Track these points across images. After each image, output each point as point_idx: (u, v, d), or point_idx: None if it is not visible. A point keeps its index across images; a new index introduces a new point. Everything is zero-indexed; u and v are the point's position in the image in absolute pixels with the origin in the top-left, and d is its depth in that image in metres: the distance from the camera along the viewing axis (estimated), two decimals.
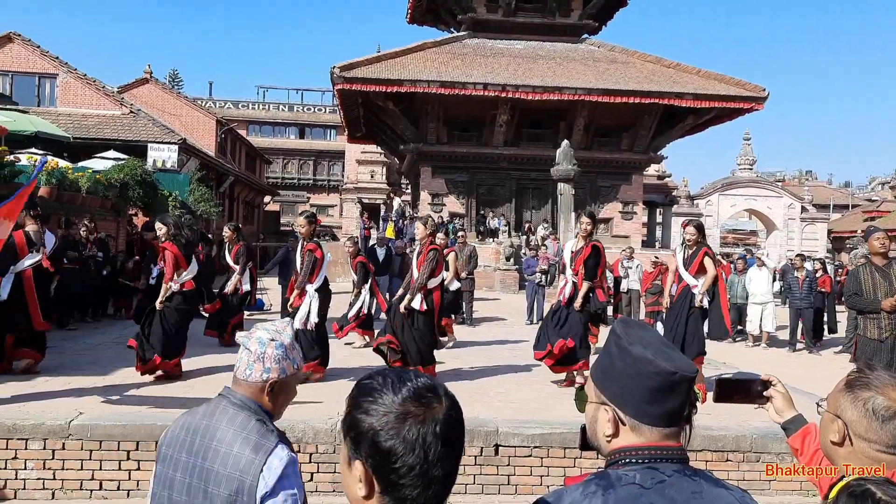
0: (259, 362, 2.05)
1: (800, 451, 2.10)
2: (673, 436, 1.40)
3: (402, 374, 1.24)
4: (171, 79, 66.20)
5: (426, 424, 1.16)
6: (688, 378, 1.37)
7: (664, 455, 1.37)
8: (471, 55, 27.97)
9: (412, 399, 1.18)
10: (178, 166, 24.60)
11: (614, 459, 1.41)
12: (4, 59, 26.14)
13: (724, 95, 26.43)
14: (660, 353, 1.39)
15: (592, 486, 1.36)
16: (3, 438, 5.62)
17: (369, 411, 1.19)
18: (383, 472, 1.17)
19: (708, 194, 39.00)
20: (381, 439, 1.17)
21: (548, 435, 5.97)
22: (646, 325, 1.53)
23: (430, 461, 1.15)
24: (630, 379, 1.40)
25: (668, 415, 1.39)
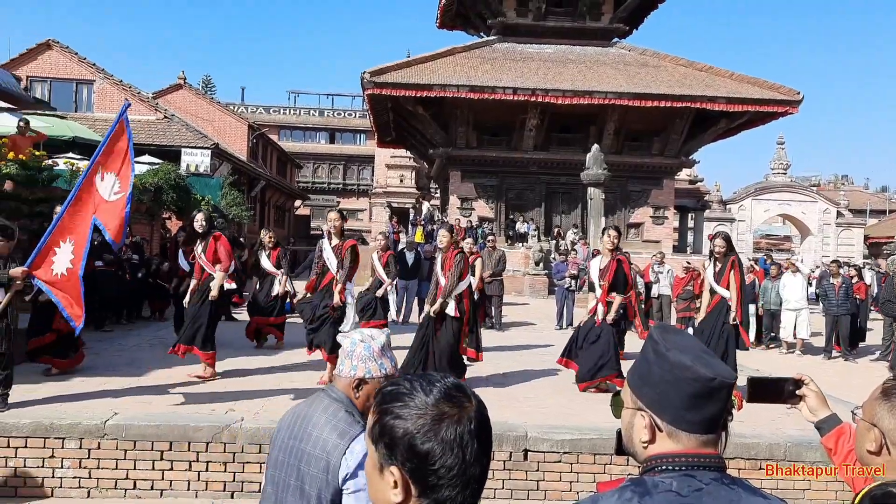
0: (349, 359, 2.26)
1: (833, 451, 2.07)
2: (710, 443, 1.38)
3: (427, 377, 1.24)
4: (205, 84, 67.06)
5: (462, 423, 1.16)
6: (727, 384, 1.36)
7: (701, 463, 1.36)
8: (500, 59, 27.96)
9: (445, 400, 1.18)
10: (211, 171, 24.93)
11: (650, 466, 1.40)
12: (43, 66, 26.71)
13: (757, 99, 26.11)
14: (699, 359, 1.38)
15: (628, 493, 1.35)
16: (40, 437, 5.73)
17: (402, 416, 1.18)
18: (421, 476, 1.16)
19: (741, 199, 38.55)
20: (419, 442, 1.16)
21: (578, 441, 5.94)
22: (683, 331, 1.53)
23: (468, 460, 1.16)
24: (668, 385, 1.39)
25: (706, 421, 1.37)
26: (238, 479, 5.82)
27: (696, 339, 1.48)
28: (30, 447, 5.72)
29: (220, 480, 5.81)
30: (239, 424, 5.92)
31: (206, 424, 5.91)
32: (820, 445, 2.16)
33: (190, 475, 5.80)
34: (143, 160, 19.62)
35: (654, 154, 28.87)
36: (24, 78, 25.44)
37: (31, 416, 5.89)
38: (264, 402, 6.77)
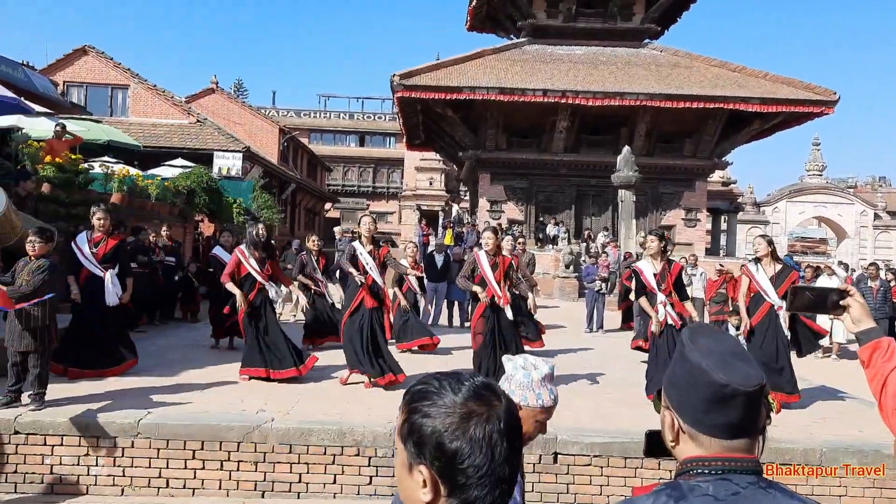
0: (507, 383, 2.29)
1: (866, 364, 2.02)
2: (742, 447, 1.36)
3: (457, 376, 1.23)
4: (237, 88, 67.87)
5: (491, 422, 1.15)
6: (741, 392, 1.33)
7: (738, 467, 1.34)
8: (530, 61, 27.88)
9: (473, 398, 1.17)
10: (243, 174, 25.21)
11: (685, 469, 1.38)
12: (80, 71, 27.25)
13: (791, 99, 25.72)
14: (720, 363, 1.35)
15: (663, 497, 1.33)
16: (76, 436, 5.83)
17: (431, 414, 1.17)
18: (450, 475, 1.15)
19: (775, 201, 38.06)
20: (447, 441, 1.14)
21: (608, 444, 5.89)
22: (721, 333, 1.48)
23: (497, 460, 1.14)
24: (687, 387, 1.39)
25: (726, 427, 1.35)
26: (269, 479, 5.86)
27: (732, 341, 1.44)
28: (65, 445, 5.82)
29: (250, 480, 5.86)
30: (269, 424, 5.96)
31: (238, 424, 5.96)
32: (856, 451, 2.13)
33: (221, 474, 5.85)
34: (176, 163, 19.90)
35: (687, 156, 28.57)
36: (62, 83, 25.95)
37: (67, 415, 5.98)
38: (294, 403, 6.81)
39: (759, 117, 26.67)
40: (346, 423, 6.09)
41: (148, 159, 20.50)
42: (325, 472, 5.91)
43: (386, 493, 5.86)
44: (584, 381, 8.72)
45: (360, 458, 5.92)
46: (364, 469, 5.92)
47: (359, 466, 5.92)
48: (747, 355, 1.42)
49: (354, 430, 5.96)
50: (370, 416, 6.36)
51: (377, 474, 5.90)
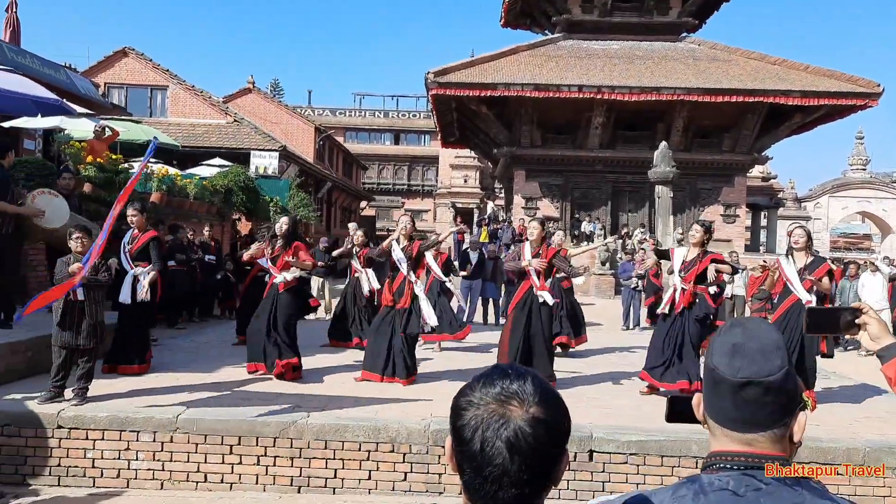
0: None
1: (893, 381, 1.96)
2: (767, 443, 1.33)
3: (515, 372, 1.22)
4: (273, 88, 68.45)
5: (493, 419, 1.15)
6: (727, 381, 1.32)
7: (761, 463, 1.31)
8: (565, 57, 27.70)
9: (494, 393, 1.18)
10: (279, 172, 25.45)
11: (709, 463, 1.37)
12: (120, 73, 27.76)
13: (834, 92, 25.15)
14: (725, 350, 1.35)
15: (683, 490, 1.32)
16: (116, 430, 5.93)
17: (464, 390, 1.23)
18: (456, 450, 1.20)
19: (817, 196, 37.34)
20: (454, 417, 1.21)
21: (644, 442, 5.82)
22: (769, 327, 1.43)
23: (486, 457, 1.14)
24: (707, 378, 1.40)
25: (723, 413, 1.35)
26: (304, 475, 5.91)
27: (765, 336, 1.37)
28: (107, 439, 5.92)
29: (287, 475, 5.90)
30: (305, 421, 6.01)
31: (274, 420, 6.01)
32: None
33: (258, 469, 5.91)
34: (214, 163, 20.16)
35: (725, 151, 28.14)
36: (103, 84, 26.44)
37: (108, 410, 6.10)
38: (330, 399, 6.85)
39: (800, 111, 26.15)
40: (380, 420, 6.11)
41: (186, 159, 20.80)
42: (360, 468, 5.93)
43: (420, 489, 5.86)
44: (621, 378, 8.65)
45: (395, 454, 5.94)
46: (399, 465, 5.93)
47: (393, 463, 5.94)
48: (772, 354, 1.34)
49: (389, 427, 5.97)
50: (405, 414, 6.37)
51: (412, 471, 5.91)
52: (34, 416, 5.95)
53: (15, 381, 6.94)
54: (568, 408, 1.21)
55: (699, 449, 5.65)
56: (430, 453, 5.91)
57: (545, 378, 1.24)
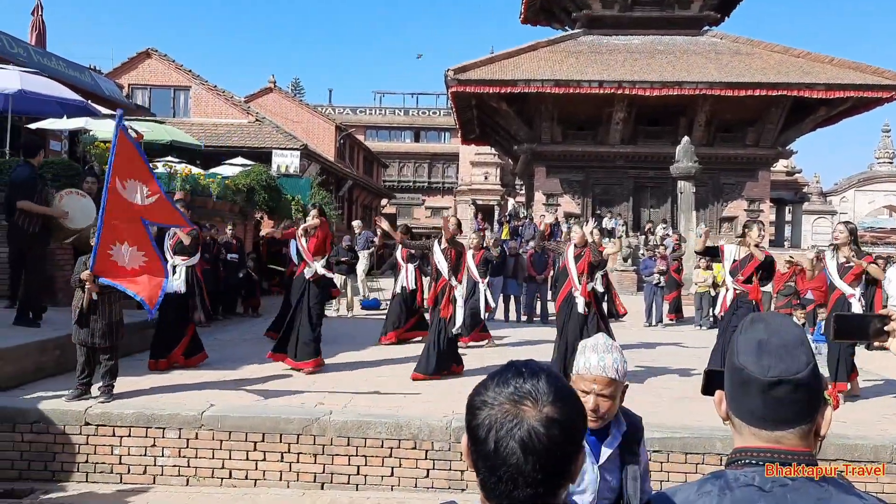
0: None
1: None
2: (792, 439, 1.32)
3: (529, 371, 1.20)
4: (294, 87, 68.81)
5: (507, 419, 1.13)
6: (756, 381, 1.30)
7: (787, 459, 1.30)
8: (586, 52, 27.55)
9: (508, 392, 1.16)
10: (300, 171, 25.56)
11: (734, 459, 1.36)
12: (144, 74, 28.03)
13: (859, 84, 24.80)
14: (752, 347, 1.34)
15: (708, 486, 1.32)
16: (142, 427, 6.01)
17: (479, 389, 1.21)
18: (472, 449, 1.19)
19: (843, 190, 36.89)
20: (469, 416, 1.20)
21: (668, 439, 5.79)
22: (784, 321, 1.42)
23: (500, 457, 1.13)
24: (728, 372, 1.39)
25: (752, 413, 1.34)
26: (328, 471, 5.95)
27: (789, 333, 1.37)
28: (133, 436, 6.00)
29: (310, 472, 5.95)
30: (328, 417, 6.04)
31: (297, 417, 6.05)
32: None
33: (282, 466, 5.96)
34: (236, 162, 20.29)
35: (749, 145, 27.85)
36: (126, 86, 26.70)
37: (134, 407, 6.18)
38: (352, 396, 6.89)
39: (825, 104, 25.81)
40: (402, 417, 6.14)
41: (209, 158, 20.96)
42: (382, 464, 5.96)
43: (443, 486, 5.88)
44: (644, 375, 8.60)
45: (417, 451, 5.96)
46: (421, 462, 5.96)
47: (416, 459, 5.96)
48: (796, 350, 1.34)
49: (411, 424, 6.00)
50: (427, 410, 6.39)
51: (434, 467, 5.93)
52: (62, 413, 6.05)
53: (44, 379, 7.06)
54: (583, 406, 1.20)
55: (723, 446, 5.62)
56: (452, 450, 5.93)
57: (561, 375, 1.23)
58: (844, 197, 36.48)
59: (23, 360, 6.90)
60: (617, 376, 2.39)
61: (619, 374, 2.40)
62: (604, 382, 2.36)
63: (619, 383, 2.41)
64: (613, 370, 2.38)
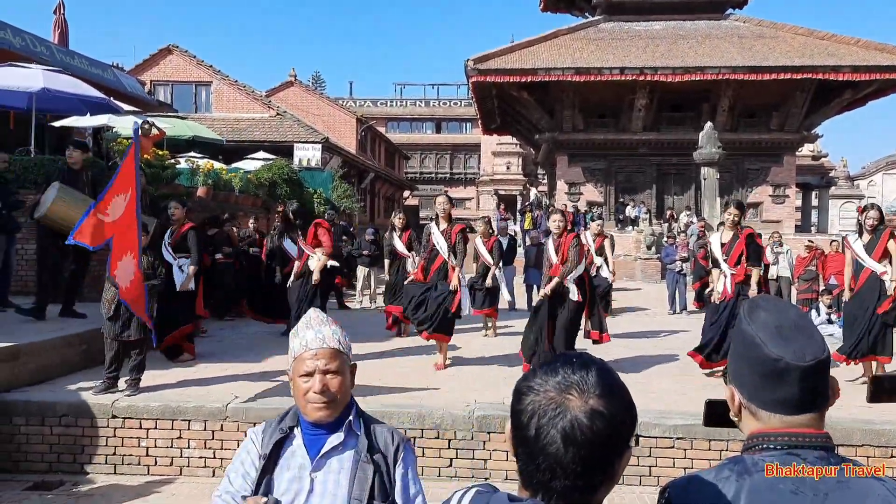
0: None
1: None
2: (807, 423, 1.31)
3: (580, 361, 1.18)
4: (315, 81, 68.98)
5: (550, 407, 1.12)
6: (796, 367, 1.27)
7: (804, 442, 1.29)
8: (606, 39, 27.35)
9: (555, 381, 1.15)
10: (322, 164, 25.65)
11: (751, 444, 1.35)
12: (165, 70, 28.27)
13: (886, 66, 24.38)
14: (774, 335, 1.30)
15: (726, 472, 1.31)
16: (168, 419, 6.08)
17: (527, 375, 1.20)
18: (514, 434, 1.18)
19: (870, 174, 36.33)
20: (514, 400, 1.18)
21: (691, 426, 5.75)
22: (782, 304, 1.42)
23: (539, 444, 1.11)
24: (742, 360, 1.36)
25: (784, 402, 1.30)
26: None
27: (793, 313, 1.37)
28: (159, 429, 6.08)
29: None
30: None
31: None
32: None
33: None
34: (258, 156, 20.43)
35: (773, 130, 27.51)
36: (148, 82, 26.97)
37: (160, 400, 6.25)
38: (375, 387, 6.91)
39: (851, 87, 25.42)
40: (425, 407, 6.15)
41: (231, 153, 21.11)
42: None
43: (466, 475, 5.89)
44: (668, 363, 8.57)
45: (440, 440, 5.97)
46: (444, 451, 5.97)
47: (439, 449, 5.97)
48: (808, 327, 1.34)
49: (434, 414, 6.01)
50: (449, 400, 6.40)
51: (457, 457, 5.94)
52: (90, 406, 6.14)
53: (71, 373, 7.16)
54: (635, 404, 1.18)
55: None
56: (474, 439, 5.94)
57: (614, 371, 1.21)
58: (872, 181, 35.92)
59: (49, 354, 7.01)
60: (340, 347, 2.10)
61: (342, 345, 2.11)
62: (327, 355, 2.05)
63: (345, 356, 2.11)
64: (335, 341, 2.09)
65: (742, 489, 1.26)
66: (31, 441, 6.11)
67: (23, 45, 14.12)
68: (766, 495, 1.24)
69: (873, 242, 7.23)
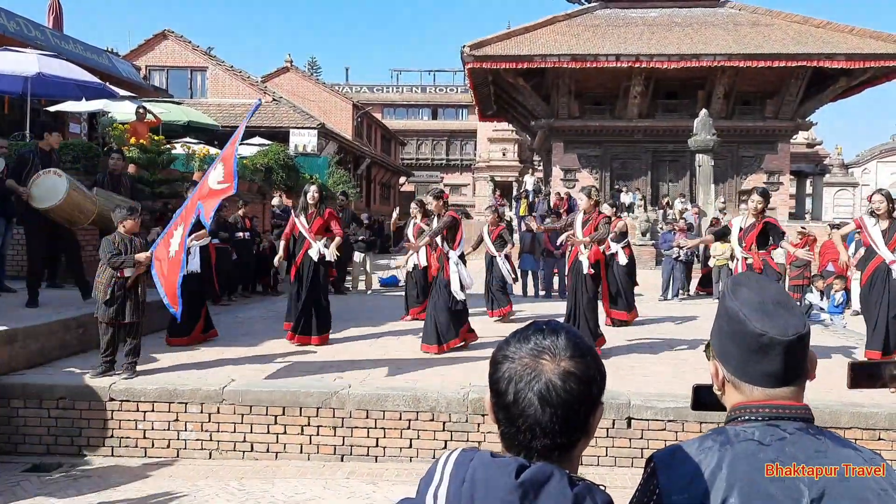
0: None
1: None
2: (788, 395, 1.36)
3: (549, 328, 1.25)
4: (311, 66, 68.62)
5: (525, 372, 1.18)
6: (779, 341, 1.32)
7: (785, 414, 1.34)
8: (602, 26, 27.29)
9: (528, 347, 1.21)
10: (318, 150, 25.65)
11: (733, 416, 1.39)
12: (160, 55, 28.15)
13: (881, 54, 24.35)
14: (757, 311, 1.35)
15: (709, 442, 1.35)
16: (165, 402, 6.14)
17: (501, 345, 1.26)
18: (493, 402, 1.23)
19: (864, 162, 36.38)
20: (492, 370, 1.24)
21: (683, 409, 5.82)
22: (764, 280, 1.47)
23: (519, 408, 1.17)
24: (726, 336, 1.40)
25: (768, 376, 1.35)
26: (347, 444, 6.05)
27: (774, 289, 1.43)
28: (156, 411, 6.14)
29: (330, 444, 6.06)
30: (347, 391, 6.14)
31: (316, 391, 6.16)
32: None
33: (302, 439, 6.07)
34: (254, 142, 20.39)
35: (768, 117, 27.52)
36: (144, 67, 26.83)
37: (157, 383, 6.31)
38: (370, 370, 6.98)
39: (846, 74, 25.41)
40: (420, 390, 6.22)
41: (226, 138, 20.98)
42: (400, 436, 6.06)
43: None
44: (661, 347, 8.64)
45: (435, 423, 6.05)
46: (439, 434, 6.04)
47: (433, 431, 6.05)
48: (789, 303, 1.40)
49: (428, 397, 6.07)
50: (444, 383, 6.47)
51: (451, 439, 6.02)
52: (87, 389, 6.20)
53: (68, 356, 7.21)
54: (603, 363, 1.24)
55: None
56: (469, 421, 6.01)
57: (580, 333, 1.27)
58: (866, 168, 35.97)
59: (48, 337, 7.05)
60: None
61: None
62: None
63: None
64: None
65: (724, 459, 1.31)
66: (29, 424, 6.16)
67: (17, 30, 14.06)
68: (747, 464, 1.30)
69: (893, 230, 6.99)
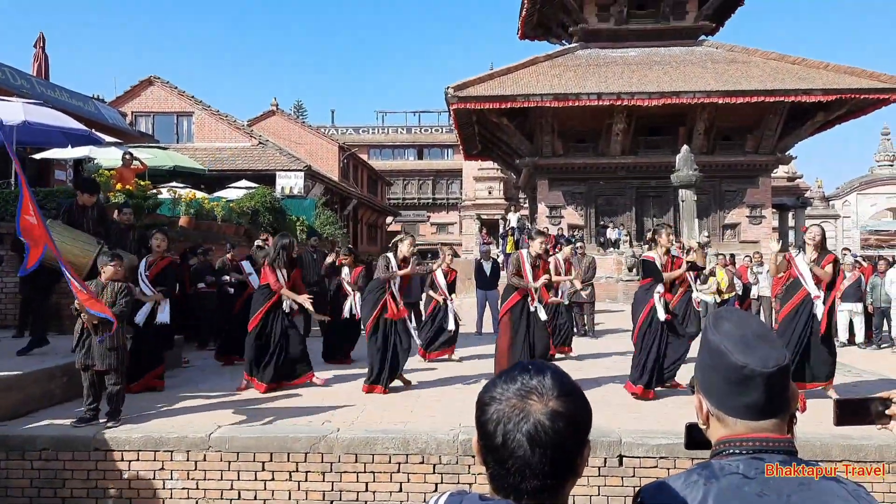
0: None
1: None
2: (771, 428, 1.37)
3: (535, 368, 1.26)
4: (296, 109, 69.30)
5: (514, 413, 1.19)
6: (761, 374, 1.34)
7: (769, 447, 1.35)
8: (583, 66, 27.70)
9: (515, 388, 1.22)
10: (305, 192, 25.72)
11: (718, 450, 1.41)
12: (147, 101, 28.30)
13: (855, 88, 24.81)
14: (738, 344, 1.37)
15: (694, 476, 1.36)
16: (151, 450, 6.04)
17: (488, 386, 1.26)
18: (481, 444, 1.24)
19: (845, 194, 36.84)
20: (479, 412, 1.24)
21: (674, 445, 5.80)
22: (745, 315, 1.50)
23: (508, 449, 1.17)
24: (709, 369, 1.42)
25: (750, 408, 1.37)
26: (336, 489, 5.97)
27: (755, 323, 1.45)
28: (141, 460, 6.04)
29: (319, 490, 5.97)
30: (335, 435, 6.08)
31: (304, 435, 6.09)
32: None
33: (290, 485, 5.98)
34: (241, 185, 20.44)
35: (748, 152, 27.89)
36: (130, 113, 26.95)
37: (142, 431, 6.22)
38: (358, 413, 6.92)
39: (823, 109, 25.86)
40: (409, 432, 6.16)
41: (213, 182, 21.10)
42: (391, 480, 5.98)
43: None
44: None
45: (425, 465, 5.98)
46: (429, 477, 5.98)
47: (424, 474, 5.98)
48: (770, 336, 1.42)
49: (418, 439, 6.02)
50: (434, 425, 6.41)
51: (442, 481, 5.95)
52: (70, 439, 6.09)
53: (52, 406, 7.10)
54: (589, 402, 1.24)
55: None
56: (459, 463, 5.95)
57: (566, 372, 1.29)
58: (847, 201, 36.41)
59: (31, 387, 6.95)
60: None
61: None
62: None
63: None
64: None
65: (710, 492, 1.32)
66: (12, 476, 6.04)
67: (3, 79, 14.11)
68: (733, 497, 1.30)
69: (818, 262, 7.26)
